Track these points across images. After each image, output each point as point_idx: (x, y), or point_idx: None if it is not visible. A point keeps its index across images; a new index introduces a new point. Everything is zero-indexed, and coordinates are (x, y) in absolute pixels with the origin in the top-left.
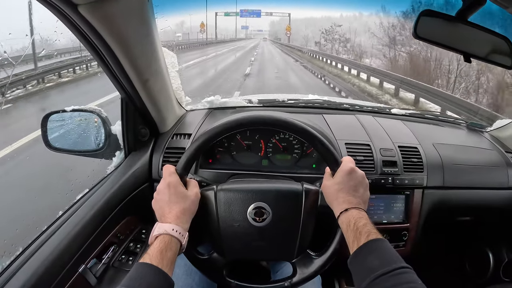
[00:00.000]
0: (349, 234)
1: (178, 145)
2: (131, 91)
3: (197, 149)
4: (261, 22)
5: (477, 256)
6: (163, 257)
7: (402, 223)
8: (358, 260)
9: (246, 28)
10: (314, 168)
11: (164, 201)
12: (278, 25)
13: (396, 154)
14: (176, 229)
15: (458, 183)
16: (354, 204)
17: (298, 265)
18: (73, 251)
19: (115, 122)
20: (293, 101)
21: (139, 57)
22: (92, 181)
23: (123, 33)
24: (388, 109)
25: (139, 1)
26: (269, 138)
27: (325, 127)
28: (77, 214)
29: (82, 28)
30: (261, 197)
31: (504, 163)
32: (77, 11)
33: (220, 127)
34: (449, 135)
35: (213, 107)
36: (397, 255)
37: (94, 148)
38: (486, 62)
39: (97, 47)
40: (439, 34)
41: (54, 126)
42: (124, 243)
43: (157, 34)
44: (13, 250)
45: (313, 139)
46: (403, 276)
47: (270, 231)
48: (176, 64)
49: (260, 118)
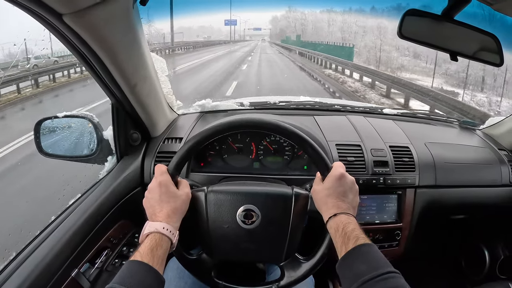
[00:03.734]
0: (337, 239)
1: (170, 149)
2: (120, 96)
3: (189, 150)
4: (259, 18)
5: (473, 254)
6: (153, 255)
7: (395, 223)
8: (346, 265)
9: (233, 24)
10: (305, 169)
11: (155, 200)
12: (285, 21)
13: (387, 154)
14: (167, 227)
15: (450, 182)
16: (343, 210)
17: (286, 269)
18: (66, 255)
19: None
20: (284, 103)
21: (126, 62)
22: (85, 186)
23: (109, 40)
24: (379, 109)
25: (123, 8)
26: (260, 140)
27: (316, 128)
28: (70, 219)
29: (68, 36)
30: (251, 200)
31: (497, 160)
32: (62, 20)
33: (212, 129)
34: (441, 134)
35: (205, 111)
36: (385, 260)
37: (86, 153)
38: (474, 60)
39: (84, 54)
40: (425, 33)
41: (47, 132)
42: (117, 247)
43: (144, 40)
44: (6, 255)
45: (303, 143)
46: (390, 280)
47: (259, 234)
48: (165, 68)
49: (251, 121)
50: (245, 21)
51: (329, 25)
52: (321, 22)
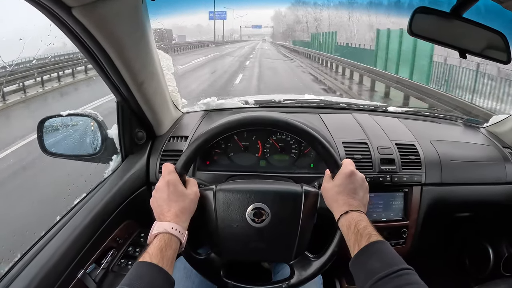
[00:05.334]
0: (349, 236)
1: (175, 147)
2: (126, 94)
3: (197, 148)
4: (259, 14)
5: (477, 252)
6: (163, 255)
7: (401, 220)
8: (360, 263)
9: (221, 18)
10: (312, 167)
11: (163, 199)
12: (293, 17)
13: (393, 151)
14: (176, 227)
15: (456, 179)
16: (354, 207)
17: (296, 267)
18: (71, 256)
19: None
20: (289, 101)
21: (134, 59)
22: (90, 186)
23: (117, 35)
24: (384, 107)
25: (133, 3)
26: (267, 138)
27: (322, 126)
28: (75, 219)
29: (76, 31)
30: (260, 198)
31: (501, 158)
32: (71, 13)
33: (220, 127)
34: (446, 132)
35: (210, 109)
36: (398, 257)
37: (90, 152)
38: (482, 58)
39: (91, 49)
40: (434, 31)
41: (50, 131)
42: (123, 247)
43: (151, 36)
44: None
45: (313, 140)
46: (405, 277)
47: (269, 232)
48: (171, 66)
49: (260, 119)
50: (241, 16)
51: (351, 19)
52: (341, 16)
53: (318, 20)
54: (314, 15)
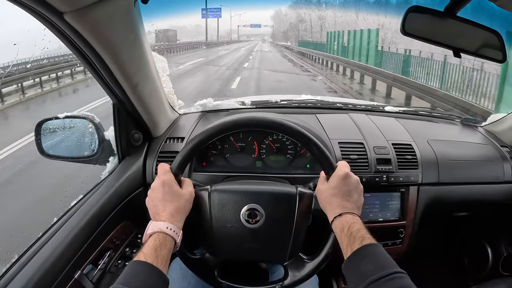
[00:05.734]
0: (343, 239)
1: (172, 148)
2: (122, 96)
3: (193, 149)
4: (258, 13)
5: (476, 251)
6: (157, 255)
7: (398, 220)
8: (352, 265)
9: (215, 16)
10: (308, 168)
11: (158, 199)
12: (295, 15)
13: (390, 151)
14: (171, 227)
15: (453, 179)
16: (348, 209)
17: (290, 268)
18: (68, 257)
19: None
20: (286, 101)
21: (128, 62)
22: (86, 187)
23: (110, 39)
24: (381, 107)
25: (125, 6)
26: (263, 139)
27: (318, 127)
28: (72, 220)
29: (69, 35)
30: (254, 199)
31: (499, 157)
32: (63, 18)
33: (216, 128)
34: (443, 131)
35: (206, 110)
36: (391, 260)
37: (88, 154)
38: (477, 57)
39: (85, 53)
40: (427, 30)
41: (48, 133)
42: (120, 248)
43: (145, 39)
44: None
45: (308, 142)
46: (397, 281)
47: (263, 233)
48: (166, 68)
49: (255, 120)
50: (239, 15)
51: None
52: (350, 14)
53: (322, 18)
54: (319, 13)
